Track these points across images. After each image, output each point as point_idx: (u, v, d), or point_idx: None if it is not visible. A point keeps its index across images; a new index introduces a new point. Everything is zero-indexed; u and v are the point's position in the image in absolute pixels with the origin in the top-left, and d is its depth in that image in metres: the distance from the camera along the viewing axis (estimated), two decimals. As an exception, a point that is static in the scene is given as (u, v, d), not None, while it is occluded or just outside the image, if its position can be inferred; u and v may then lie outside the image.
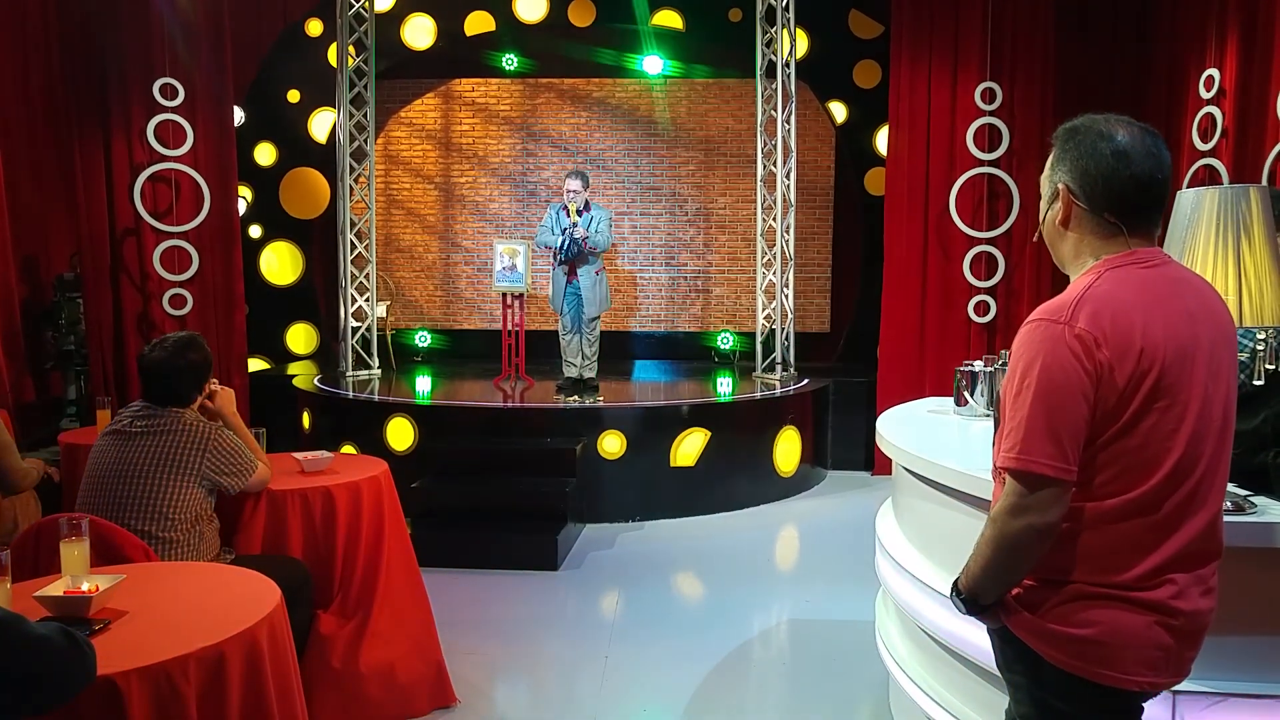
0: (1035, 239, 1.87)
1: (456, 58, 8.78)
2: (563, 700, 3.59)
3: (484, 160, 8.93)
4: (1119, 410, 1.59)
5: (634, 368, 8.48)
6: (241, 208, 7.81)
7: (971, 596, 1.71)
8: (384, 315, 8.15)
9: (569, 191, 6.49)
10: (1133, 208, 1.66)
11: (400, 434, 6.14)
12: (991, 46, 6.79)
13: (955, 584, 1.75)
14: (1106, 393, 1.58)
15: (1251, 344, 2.39)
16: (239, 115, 7.89)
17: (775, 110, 7.29)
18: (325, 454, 3.58)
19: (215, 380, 3.22)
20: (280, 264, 8.75)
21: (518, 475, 5.77)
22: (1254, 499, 2.18)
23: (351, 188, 7.54)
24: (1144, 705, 1.72)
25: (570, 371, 6.80)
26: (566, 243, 6.43)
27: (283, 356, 8.70)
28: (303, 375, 7.55)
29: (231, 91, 7.17)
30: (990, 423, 3.09)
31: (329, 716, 3.19)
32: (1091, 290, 1.62)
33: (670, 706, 3.51)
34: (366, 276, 7.65)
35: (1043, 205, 1.79)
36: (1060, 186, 1.71)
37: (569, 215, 6.48)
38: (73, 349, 6.83)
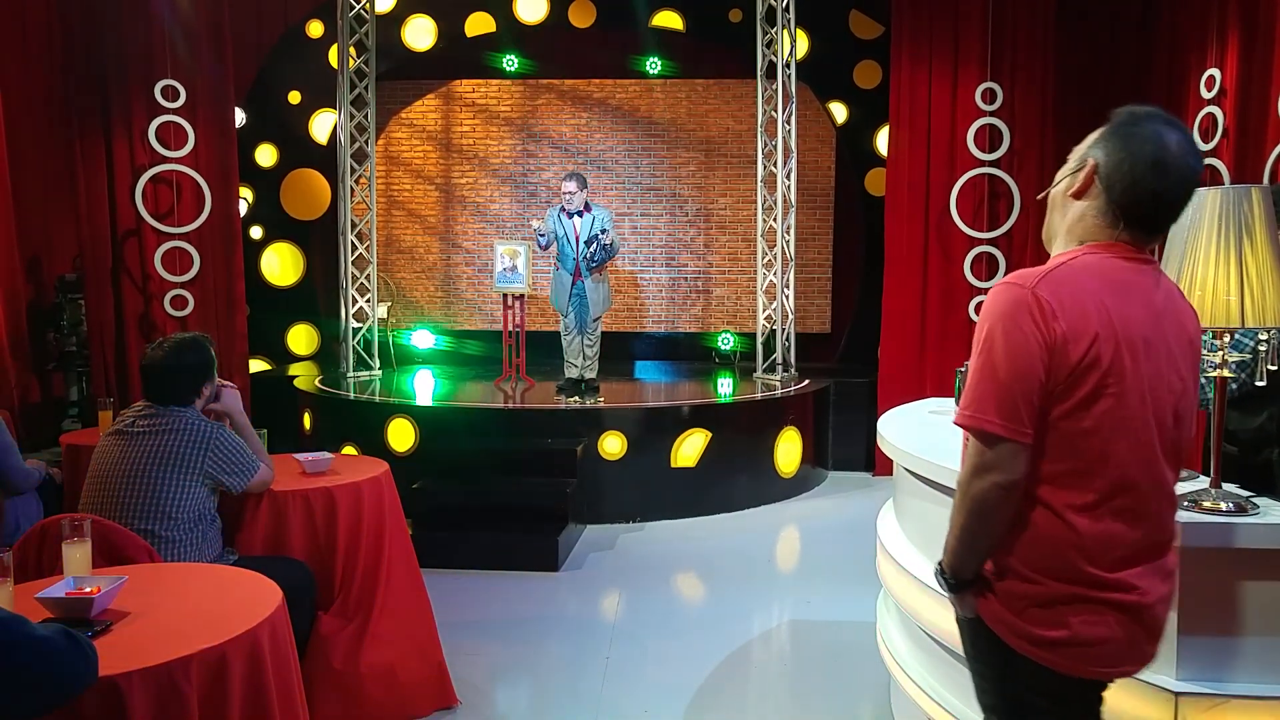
0: (1040, 196, 1.88)
1: (457, 59, 8.78)
2: (564, 701, 3.58)
3: (485, 161, 8.93)
4: (1071, 388, 1.61)
5: (635, 368, 8.47)
6: (242, 209, 7.82)
7: (954, 572, 1.75)
8: (385, 316, 8.15)
9: (565, 193, 6.49)
10: (1141, 216, 1.69)
11: (401, 435, 6.14)
12: (992, 47, 6.78)
13: (939, 564, 1.80)
14: (1059, 365, 1.61)
15: (1253, 344, 2.38)
16: (240, 116, 7.90)
17: (775, 111, 7.28)
18: (326, 455, 3.58)
19: (227, 381, 3.22)
20: (281, 265, 8.75)
21: (518, 476, 5.77)
22: (1256, 500, 2.18)
23: (352, 189, 7.55)
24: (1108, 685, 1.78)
25: (571, 372, 6.79)
26: (597, 251, 6.44)
27: (284, 357, 8.70)
28: (304, 376, 7.55)
29: (232, 93, 7.17)
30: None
31: (330, 718, 3.19)
32: (1063, 267, 1.66)
33: (671, 707, 3.50)
34: (367, 277, 7.66)
35: (1063, 170, 1.79)
36: (1092, 162, 1.72)
37: (568, 216, 6.48)
38: (75, 350, 6.84)
